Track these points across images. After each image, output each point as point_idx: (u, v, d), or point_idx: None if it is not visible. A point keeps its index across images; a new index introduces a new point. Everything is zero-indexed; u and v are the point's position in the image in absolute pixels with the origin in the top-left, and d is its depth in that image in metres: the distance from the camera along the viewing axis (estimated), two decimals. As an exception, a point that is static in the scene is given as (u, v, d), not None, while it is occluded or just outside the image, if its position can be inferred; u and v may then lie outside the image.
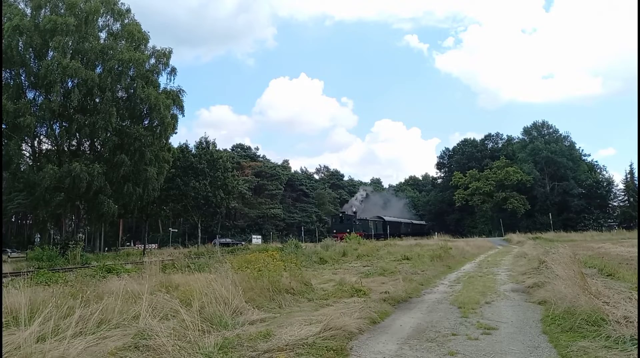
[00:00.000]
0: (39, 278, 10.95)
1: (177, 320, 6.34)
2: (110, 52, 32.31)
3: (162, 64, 36.90)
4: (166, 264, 14.52)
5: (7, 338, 5.48)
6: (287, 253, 18.64)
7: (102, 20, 34.18)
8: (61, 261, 23.34)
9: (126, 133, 33.36)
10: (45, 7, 31.53)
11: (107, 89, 31.52)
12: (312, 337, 5.90)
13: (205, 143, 54.82)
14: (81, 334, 5.79)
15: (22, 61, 30.64)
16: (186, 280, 9.28)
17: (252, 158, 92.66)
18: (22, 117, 28.31)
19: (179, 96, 37.60)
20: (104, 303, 6.94)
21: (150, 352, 5.21)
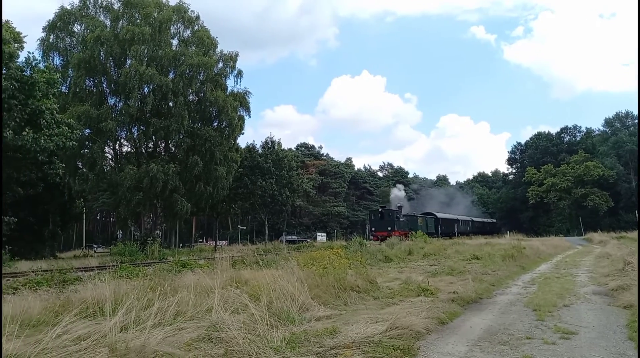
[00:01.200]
0: (122, 272, 11.75)
1: (246, 314, 6.54)
2: (181, 58, 33.99)
3: (229, 67, 38.31)
4: (236, 260, 15.05)
5: (95, 327, 5.95)
6: (351, 251, 18.64)
7: (174, 28, 36.05)
8: (141, 256, 24.91)
9: (197, 135, 34.96)
10: (123, 18, 33.78)
11: (180, 94, 33.21)
12: (379, 335, 5.86)
13: (271, 142, 56.17)
14: (159, 325, 6.14)
15: (104, 69, 33.03)
16: (254, 276, 9.55)
17: (316, 156, 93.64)
18: (104, 122, 30.52)
19: (246, 98, 38.86)
20: (179, 296, 7.33)
21: (222, 344, 5.43)
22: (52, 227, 35.62)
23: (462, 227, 59.78)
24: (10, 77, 20.80)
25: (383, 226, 41.28)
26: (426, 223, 50.46)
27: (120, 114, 32.53)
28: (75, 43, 33.88)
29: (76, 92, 32.06)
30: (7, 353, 4.91)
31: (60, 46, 33.88)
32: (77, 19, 34.06)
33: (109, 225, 73.74)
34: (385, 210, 44.28)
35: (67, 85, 32.47)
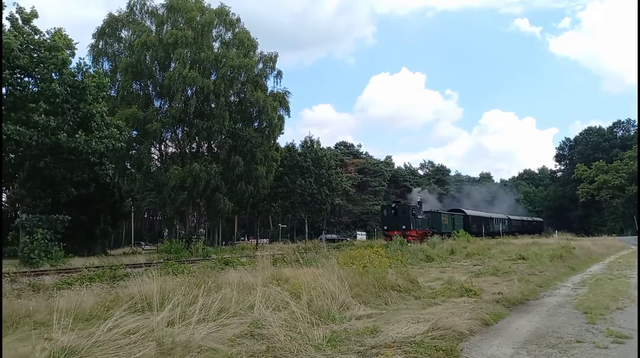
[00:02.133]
0: (168, 269, 12.16)
1: (287, 312, 6.61)
2: (223, 60, 34.70)
3: (269, 68, 38.77)
4: (276, 258, 15.23)
5: (143, 321, 6.18)
6: (392, 250, 18.48)
7: (215, 30, 36.86)
8: (186, 254, 25.66)
9: (238, 135, 35.60)
10: (167, 23, 34.84)
11: (221, 95, 33.91)
12: (420, 336, 5.79)
13: (310, 141, 56.44)
14: (204, 321, 6.30)
15: (149, 73, 34.19)
16: (295, 274, 9.64)
17: (355, 155, 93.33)
18: (150, 124, 31.61)
19: (285, 98, 39.21)
20: (223, 293, 7.50)
21: (264, 340, 5.52)
22: (103, 225, 37.28)
23: (497, 226, 54.98)
24: (64, 83, 21.89)
25: (396, 224, 35.41)
26: (452, 221, 45.07)
27: (165, 116, 33.60)
28: (123, 48, 35.25)
29: (124, 95, 33.38)
30: (63, 345, 5.18)
31: (108, 52, 35.35)
32: (125, 25, 35.42)
33: (156, 223, 76.37)
34: (400, 206, 37.53)
35: (116, 89, 33.84)
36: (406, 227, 34.53)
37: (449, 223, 43.43)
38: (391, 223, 36.03)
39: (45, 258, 20.34)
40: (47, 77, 21.70)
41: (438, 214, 42.34)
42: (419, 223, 36.87)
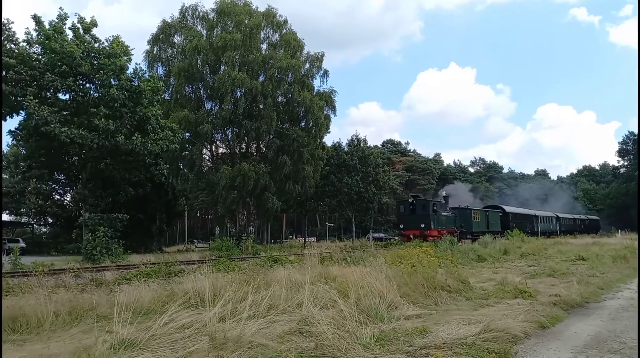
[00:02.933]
0: (219, 266, 12.52)
1: (335, 310, 6.64)
2: (270, 62, 35.23)
3: (316, 68, 38.96)
4: (324, 256, 15.31)
5: (196, 317, 6.40)
6: (441, 250, 18.11)
7: (263, 32, 37.47)
8: (236, 251, 26.29)
9: (286, 135, 36.05)
10: (217, 27, 35.80)
11: (269, 96, 34.45)
12: (472, 337, 5.64)
13: (357, 140, 56.19)
14: (254, 317, 6.44)
15: (201, 76, 35.28)
16: (342, 273, 9.65)
17: (402, 152, 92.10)
18: (201, 126, 32.62)
19: (331, 97, 39.26)
20: (272, 290, 7.64)
21: (312, 338, 5.57)
22: (159, 224, 38.90)
23: (543, 225, 49.69)
24: (121, 88, 23.02)
25: (414, 222, 30.71)
26: (486, 219, 39.12)
27: (215, 117, 34.55)
28: (176, 53, 36.57)
29: (177, 98, 34.62)
30: (123, 338, 5.46)
31: (162, 57, 36.78)
32: (177, 31, 36.72)
33: (208, 221, 78.71)
34: (418, 200, 32.43)
35: (169, 92, 35.15)
36: (425, 226, 29.97)
37: (481, 221, 38.03)
38: (408, 221, 31.42)
39: (106, 255, 21.47)
40: (106, 82, 22.88)
41: (468, 211, 36.69)
42: (443, 221, 32.07)
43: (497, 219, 41.17)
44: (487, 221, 39.03)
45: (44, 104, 21.52)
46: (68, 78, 22.03)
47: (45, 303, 7.07)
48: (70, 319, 7.02)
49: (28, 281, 9.12)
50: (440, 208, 32.40)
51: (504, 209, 44.48)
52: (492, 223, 39.73)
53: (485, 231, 36.48)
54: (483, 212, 39.82)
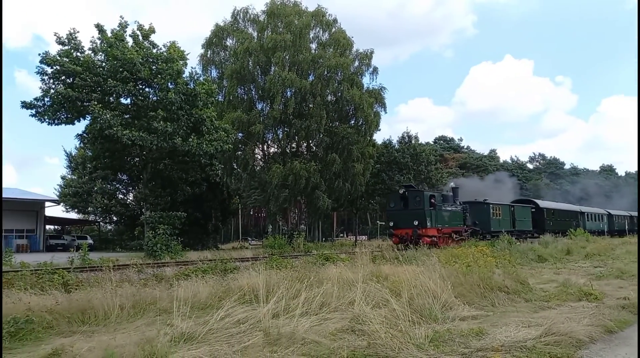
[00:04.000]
0: (272, 263, 12.75)
1: (387, 309, 6.58)
2: (320, 61, 35.42)
3: (365, 65, 38.77)
4: (375, 255, 15.22)
5: (251, 312, 6.56)
6: (499, 249, 17.50)
7: (312, 32, 37.71)
8: (288, 249, 26.67)
9: (335, 133, 36.12)
10: (268, 29, 36.43)
11: (318, 94, 34.66)
12: (532, 341, 5.41)
13: (407, 137, 55.34)
14: (306, 314, 6.52)
15: (252, 78, 36.05)
16: (394, 271, 9.56)
17: (455, 149, 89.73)
18: (253, 126, 33.34)
19: (381, 94, 38.93)
20: (324, 288, 7.68)
21: (364, 336, 5.55)
22: (214, 221, 40.17)
23: (592, 223, 43.47)
24: (178, 91, 23.96)
25: (406, 219, 24.57)
26: (510, 215, 32.70)
27: (266, 117, 35.18)
28: (228, 56, 37.55)
29: (230, 100, 35.57)
30: (182, 331, 5.70)
31: (215, 60, 37.89)
32: (229, 34, 37.69)
33: (261, 219, 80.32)
34: (411, 192, 25.88)
35: (223, 94, 36.18)
36: (419, 223, 23.88)
37: (504, 218, 31.51)
38: (399, 217, 25.21)
39: (166, 251, 22.43)
40: (164, 87, 23.90)
41: (484, 206, 30.11)
42: (445, 217, 25.96)
43: (526, 216, 34.97)
44: (513, 218, 32.98)
45: (107, 108, 22.80)
46: (129, 83, 23.22)
47: (112, 296, 7.49)
48: (134, 312, 7.40)
49: (96, 275, 9.70)
50: (443, 201, 26.49)
51: (536, 204, 37.64)
52: (520, 220, 33.64)
53: (510, 230, 30.65)
54: (506, 207, 32.98)
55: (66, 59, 23.15)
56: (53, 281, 8.89)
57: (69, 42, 23.67)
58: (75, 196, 39.79)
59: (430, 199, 25.14)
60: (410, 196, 25.29)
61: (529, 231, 33.99)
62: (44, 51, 23.13)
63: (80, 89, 22.90)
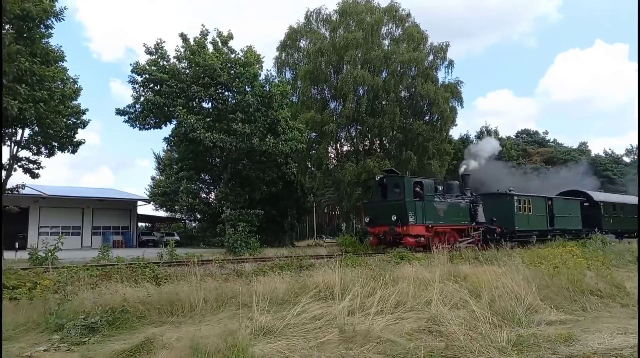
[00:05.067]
0: (346, 261, 12.83)
1: (466, 310, 6.38)
2: (392, 57, 34.97)
3: (440, 59, 37.66)
4: (453, 254, 14.76)
5: (326, 309, 6.67)
6: (591, 250, 16.23)
7: (385, 28, 37.34)
8: (362, 247, 26.65)
9: (409, 130, 35.49)
10: (340, 28, 36.61)
11: (391, 91, 34.24)
12: (629, 349, 4.97)
13: (486, 131, 53.06)
14: (381, 313, 6.49)
15: (325, 77, 36.41)
16: (474, 272, 9.23)
17: (540, 143, 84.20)
18: (326, 125, 33.68)
19: (457, 88, 37.63)
20: (399, 287, 7.61)
21: (442, 337, 5.42)
22: (290, 219, 41.17)
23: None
24: (255, 94, 24.87)
25: (384, 214, 19.79)
26: (548, 211, 26.12)
27: (339, 116, 35.39)
28: (302, 57, 38.26)
29: (304, 100, 36.23)
30: (261, 325, 5.91)
31: (290, 61, 38.77)
32: (303, 35, 38.37)
33: (334, 217, 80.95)
34: (390, 179, 20.55)
35: (297, 95, 36.93)
36: (399, 220, 18.81)
37: (536, 214, 25.16)
38: (377, 211, 20.47)
39: (245, 248, 23.36)
40: (242, 90, 24.93)
41: (506, 199, 24.06)
42: (440, 211, 20.32)
43: (573, 211, 28.13)
44: (550, 214, 26.32)
45: (191, 113, 24.22)
46: (210, 88, 24.50)
47: (196, 290, 7.95)
48: (217, 305, 7.80)
49: (182, 270, 10.35)
50: (443, 191, 21.50)
51: (589, 196, 30.40)
52: (563, 217, 26.92)
53: (545, 230, 25.22)
54: (540, 200, 26.10)
55: (154, 68, 24.92)
56: (145, 274, 9.62)
57: (156, 52, 25.46)
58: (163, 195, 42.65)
59: (415, 187, 19.61)
60: (388, 184, 19.72)
61: (576, 230, 27.83)
62: (135, 61, 25.10)
63: (166, 96, 24.53)
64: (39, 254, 12.75)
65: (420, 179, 20.81)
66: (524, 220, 24.42)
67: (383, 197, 20.37)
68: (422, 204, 19.53)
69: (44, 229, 32.88)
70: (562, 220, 27.17)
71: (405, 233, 18.65)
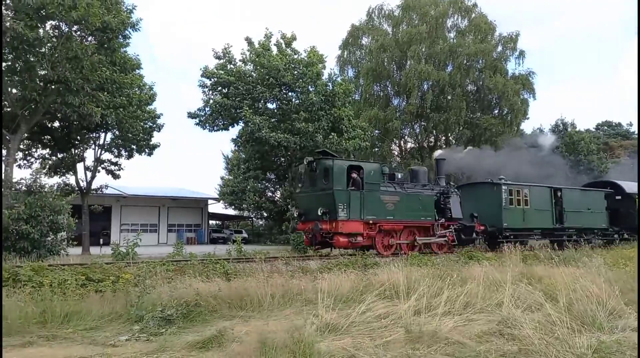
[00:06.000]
0: (412, 260, 12.61)
1: (541, 314, 6.06)
2: (458, 50, 33.91)
3: (509, 50, 36.06)
4: (526, 254, 14.06)
5: (391, 308, 6.60)
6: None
7: (450, 21, 36.35)
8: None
9: (476, 125, 34.27)
10: (402, 23, 36.06)
11: (457, 85, 33.22)
12: None
13: (562, 124, 49.91)
14: (449, 313, 6.32)
15: (388, 74, 36.03)
16: (549, 273, 8.74)
17: (623, 135, 77.94)
18: (390, 123, 33.32)
19: (529, 79, 35.85)
20: (468, 287, 7.37)
21: (515, 341, 5.19)
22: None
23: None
24: (318, 93, 25.14)
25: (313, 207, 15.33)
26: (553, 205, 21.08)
27: (403, 113, 34.88)
28: (364, 54, 38.12)
29: (366, 98, 36.08)
30: (327, 322, 5.97)
31: (352, 59, 38.75)
32: (365, 33, 38.21)
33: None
34: (322, 162, 15.45)
35: (359, 92, 36.84)
36: (327, 214, 14.71)
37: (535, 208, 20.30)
38: (306, 204, 16.27)
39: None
40: (305, 89, 25.32)
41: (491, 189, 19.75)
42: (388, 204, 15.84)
43: (594, 205, 22.65)
44: (559, 209, 21.27)
45: (256, 113, 24.94)
46: (274, 89, 25.11)
47: (264, 286, 8.18)
48: (283, 301, 7.98)
49: (250, 266, 10.69)
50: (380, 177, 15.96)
51: (619, 187, 24.50)
52: (575, 212, 21.54)
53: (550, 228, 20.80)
54: (542, 191, 21.07)
55: (221, 72, 25.92)
56: (216, 270, 10.02)
57: (224, 56, 26.48)
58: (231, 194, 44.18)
59: (350, 173, 15.28)
60: (318, 169, 15.39)
61: (599, 229, 22.83)
62: (204, 66, 26.26)
63: (233, 98, 25.44)
64: (121, 250, 13.71)
65: (360, 162, 16.19)
66: (517, 216, 19.69)
67: (312, 186, 15.81)
68: (360, 195, 15.01)
69: (125, 226, 35.31)
70: (577, 216, 21.69)
71: (334, 230, 14.55)
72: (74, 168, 23.13)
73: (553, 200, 21.14)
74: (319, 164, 15.50)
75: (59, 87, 17.54)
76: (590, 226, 22.44)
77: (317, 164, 15.54)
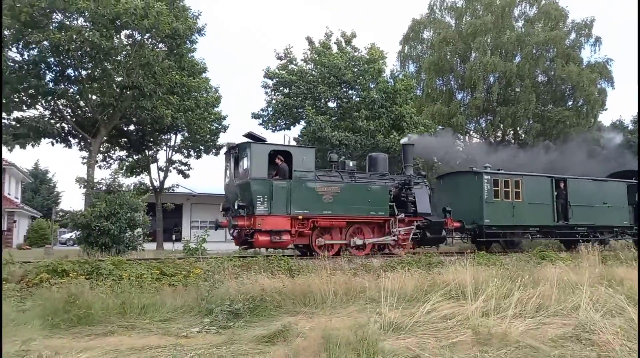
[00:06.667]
0: (479, 260, 12.18)
1: (623, 319, 5.65)
2: (526, 39, 32.27)
3: (584, 37, 33.73)
4: (606, 255, 13.14)
5: (457, 309, 6.42)
6: None
7: (517, 9, 34.62)
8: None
9: (547, 117, 32.47)
10: (466, 14, 34.84)
11: (526, 77, 31.62)
12: None
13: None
14: (520, 316, 6.06)
15: (450, 67, 34.96)
16: (633, 275, 8.11)
17: None
18: (454, 118, 32.32)
19: (606, 68, 33.34)
20: (539, 289, 7.02)
21: (593, 347, 4.88)
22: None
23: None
24: (379, 90, 24.94)
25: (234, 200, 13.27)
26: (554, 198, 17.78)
27: (467, 107, 33.72)
28: (425, 49, 37.23)
29: (428, 93, 35.22)
30: (390, 320, 5.92)
31: (413, 54, 37.97)
32: (426, 26, 37.31)
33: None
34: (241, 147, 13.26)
35: (421, 88, 36.05)
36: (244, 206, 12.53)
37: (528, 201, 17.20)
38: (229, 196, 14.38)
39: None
40: (365, 87, 25.19)
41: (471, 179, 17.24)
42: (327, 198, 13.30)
43: (612, 198, 19.02)
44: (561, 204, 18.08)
45: (318, 112, 25.17)
46: (335, 88, 25.20)
47: (327, 283, 8.26)
48: (346, 298, 8.02)
49: (313, 263, 10.82)
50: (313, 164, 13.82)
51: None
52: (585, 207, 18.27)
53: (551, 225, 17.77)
54: (541, 181, 17.91)
55: (283, 72, 26.42)
56: (280, 266, 10.26)
57: (285, 57, 26.97)
58: (293, 192, 45.00)
59: (275, 159, 13.18)
60: (240, 155, 13.35)
61: (620, 227, 19.34)
62: (266, 67, 26.91)
63: (295, 97, 25.84)
64: (190, 245, 14.40)
65: (288, 147, 13.69)
66: (503, 211, 16.69)
67: (235, 175, 13.63)
68: (287, 185, 12.74)
69: (194, 223, 37.00)
70: (587, 212, 18.30)
71: (253, 227, 12.30)
72: (148, 168, 24.64)
73: (555, 192, 17.87)
74: (242, 149, 13.18)
75: (134, 92, 18.74)
76: (608, 224, 18.94)
77: (240, 150, 13.29)
